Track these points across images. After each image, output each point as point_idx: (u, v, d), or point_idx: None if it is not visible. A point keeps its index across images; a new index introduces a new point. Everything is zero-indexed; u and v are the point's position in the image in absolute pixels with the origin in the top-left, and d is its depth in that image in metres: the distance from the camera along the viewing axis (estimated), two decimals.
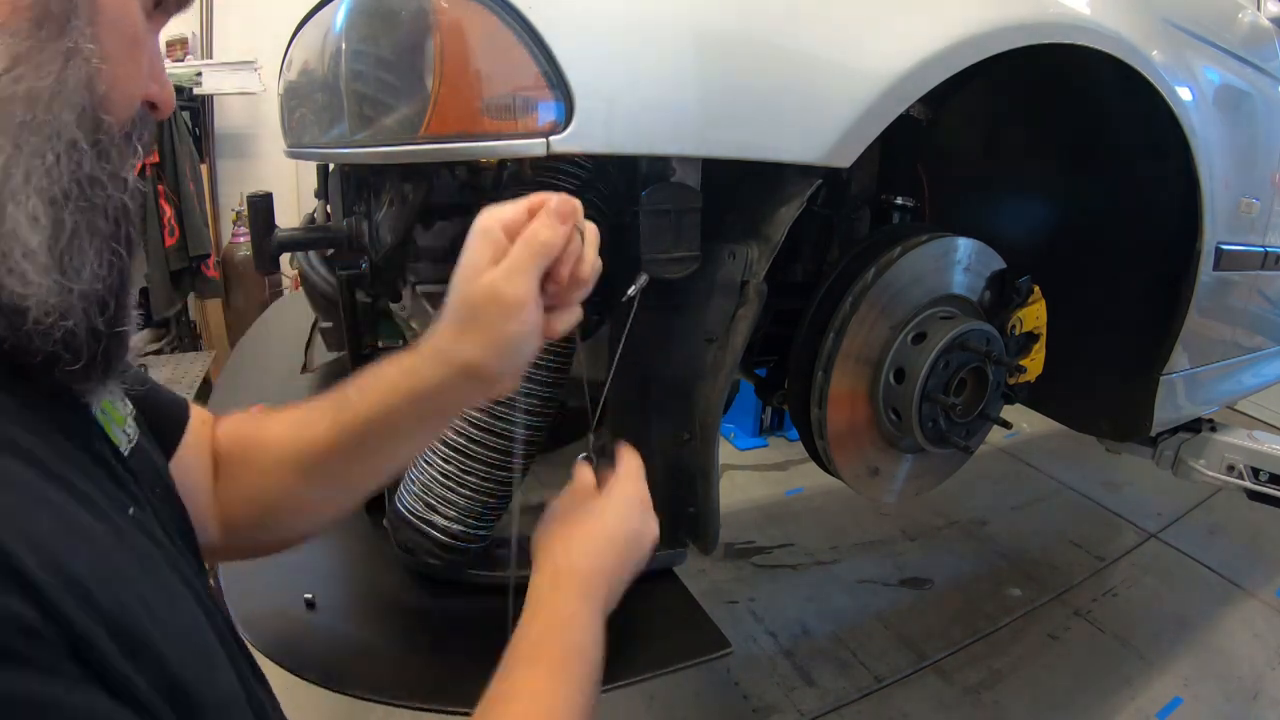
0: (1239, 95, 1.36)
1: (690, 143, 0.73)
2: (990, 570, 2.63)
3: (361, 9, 0.79)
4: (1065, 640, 2.29)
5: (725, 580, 2.50)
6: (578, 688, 0.58)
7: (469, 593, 0.89)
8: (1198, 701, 2.05)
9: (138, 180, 0.44)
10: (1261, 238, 1.48)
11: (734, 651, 0.86)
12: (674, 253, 0.80)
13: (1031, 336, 1.16)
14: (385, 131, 0.76)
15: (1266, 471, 1.75)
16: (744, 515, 2.91)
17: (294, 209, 3.09)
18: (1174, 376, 1.41)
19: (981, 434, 1.15)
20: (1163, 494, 3.07)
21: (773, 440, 3.52)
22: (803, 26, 0.77)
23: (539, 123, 0.68)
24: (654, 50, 0.71)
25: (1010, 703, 2.04)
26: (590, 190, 0.84)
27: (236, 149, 3.35)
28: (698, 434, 0.87)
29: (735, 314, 0.83)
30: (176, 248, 2.88)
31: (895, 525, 2.85)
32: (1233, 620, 2.40)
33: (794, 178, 0.85)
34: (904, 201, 1.18)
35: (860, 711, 2.00)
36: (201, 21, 3.12)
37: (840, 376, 1.00)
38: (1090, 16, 0.99)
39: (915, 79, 0.81)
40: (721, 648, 0.85)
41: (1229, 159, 1.29)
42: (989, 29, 0.86)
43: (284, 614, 0.88)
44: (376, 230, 1.02)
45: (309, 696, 0.80)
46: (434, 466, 0.87)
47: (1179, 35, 1.21)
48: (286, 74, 1.06)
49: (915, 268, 1.02)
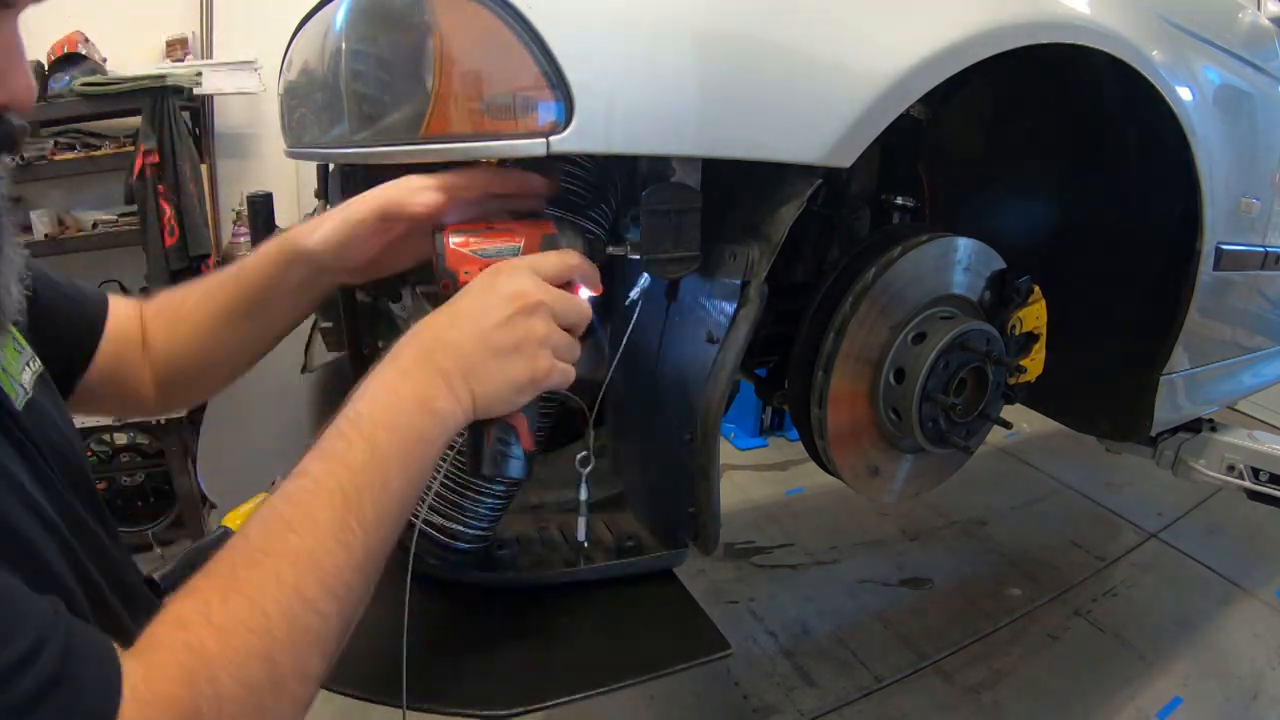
0: (1239, 95, 1.36)
1: (690, 143, 0.73)
2: (990, 570, 2.63)
3: (361, 9, 0.79)
4: (1065, 640, 2.29)
5: (725, 580, 2.50)
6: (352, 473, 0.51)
7: (469, 593, 0.89)
8: (1198, 701, 2.05)
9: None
10: (1262, 238, 1.48)
11: (734, 652, 0.86)
12: (674, 253, 0.80)
13: (1031, 336, 1.16)
14: (385, 131, 0.76)
15: (1266, 471, 1.75)
16: (744, 515, 2.92)
17: (294, 209, 3.08)
18: (1174, 376, 1.41)
19: (981, 434, 1.15)
20: (1163, 494, 3.07)
21: (773, 440, 3.52)
22: (803, 26, 0.77)
23: (539, 123, 0.68)
24: (654, 50, 0.71)
25: (1010, 703, 2.04)
26: (591, 191, 0.84)
27: (236, 149, 3.34)
28: (698, 434, 0.87)
29: (736, 314, 0.83)
30: (176, 248, 2.87)
31: (895, 525, 2.86)
32: (1233, 620, 2.40)
33: (794, 178, 0.85)
34: (904, 201, 1.18)
35: (860, 711, 2.00)
36: (201, 21, 3.12)
37: (840, 376, 1.00)
38: (1090, 16, 0.99)
39: (916, 79, 0.81)
40: (721, 648, 0.85)
41: (1229, 159, 1.29)
42: (989, 29, 0.86)
43: None
44: None
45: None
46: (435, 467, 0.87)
47: (1179, 35, 1.20)
48: (286, 74, 1.06)
49: (915, 268, 1.02)
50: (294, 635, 0.45)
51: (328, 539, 0.48)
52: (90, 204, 3.01)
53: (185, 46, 3.10)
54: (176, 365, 0.80)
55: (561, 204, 0.79)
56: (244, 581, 0.45)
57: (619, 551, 0.94)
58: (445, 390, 0.57)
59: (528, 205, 0.76)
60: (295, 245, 0.74)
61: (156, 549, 2.46)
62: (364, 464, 0.52)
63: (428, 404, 0.56)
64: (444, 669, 0.79)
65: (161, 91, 2.70)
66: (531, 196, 0.76)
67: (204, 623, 0.43)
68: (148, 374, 0.80)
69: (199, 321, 0.79)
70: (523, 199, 0.75)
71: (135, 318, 0.80)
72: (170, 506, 2.54)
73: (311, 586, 0.47)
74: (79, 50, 2.73)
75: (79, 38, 2.76)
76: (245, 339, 0.80)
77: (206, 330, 0.78)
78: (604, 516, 1.03)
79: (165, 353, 0.80)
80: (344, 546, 0.49)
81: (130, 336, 0.79)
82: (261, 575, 0.46)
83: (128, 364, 0.78)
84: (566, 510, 1.00)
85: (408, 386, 0.56)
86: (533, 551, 0.95)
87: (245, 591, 0.45)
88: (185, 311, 0.80)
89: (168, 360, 0.80)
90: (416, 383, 0.57)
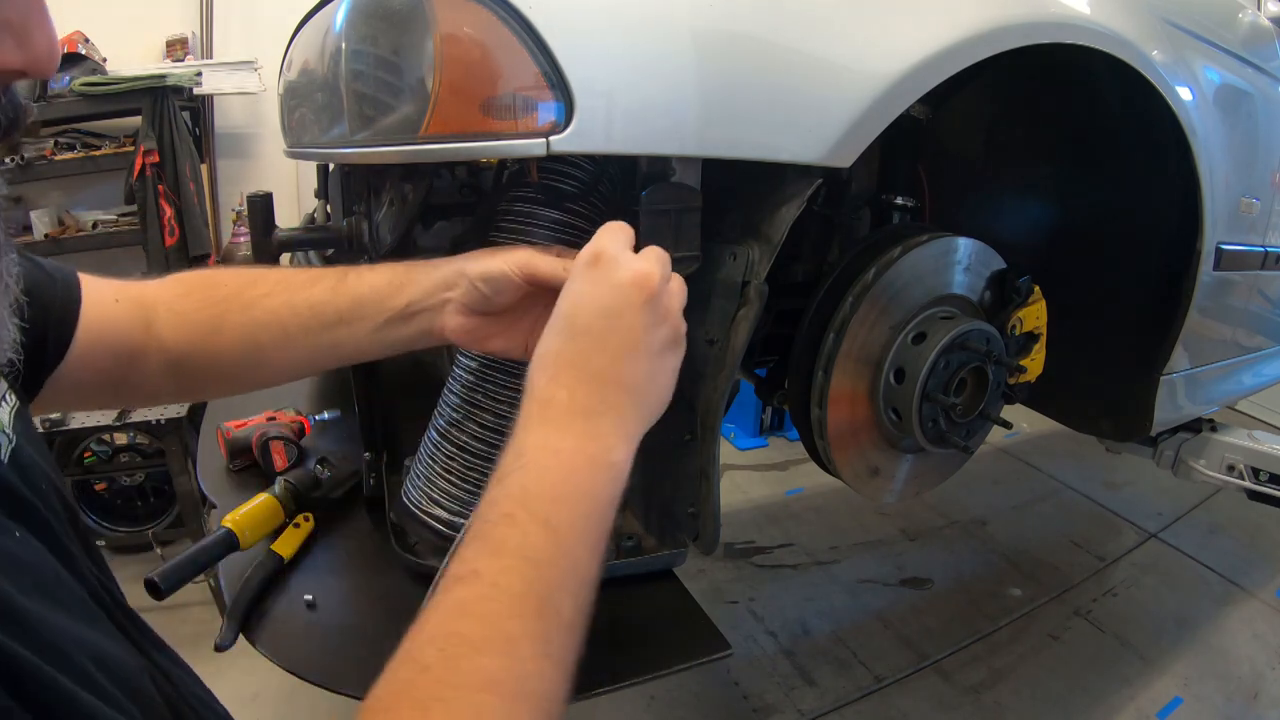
0: (1239, 95, 1.36)
1: (690, 143, 0.73)
2: (990, 570, 2.63)
3: (361, 9, 0.79)
4: (1065, 640, 2.29)
5: (725, 580, 2.50)
6: (554, 554, 0.43)
7: None
8: (1198, 701, 2.05)
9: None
10: (1262, 237, 1.48)
11: (734, 652, 0.86)
12: (674, 253, 0.79)
13: (1032, 336, 1.16)
14: (385, 131, 0.76)
15: (1266, 471, 1.75)
16: (744, 515, 2.92)
17: (294, 209, 3.09)
18: (1174, 376, 1.41)
19: (981, 434, 1.15)
20: (1163, 494, 3.07)
21: (773, 440, 3.52)
22: (803, 26, 0.77)
23: (539, 123, 0.68)
24: (654, 50, 0.71)
25: (1010, 703, 2.04)
26: (590, 191, 0.84)
27: (236, 149, 3.35)
28: (698, 434, 0.87)
29: (736, 315, 0.83)
30: (176, 248, 2.88)
31: (895, 525, 2.86)
32: (1233, 620, 2.40)
33: (794, 178, 0.85)
34: (904, 201, 1.18)
35: (860, 711, 2.00)
36: (201, 21, 3.12)
37: (840, 376, 1.00)
38: (1091, 16, 0.99)
39: (916, 79, 0.81)
40: (721, 649, 0.85)
41: (1229, 158, 1.29)
42: (989, 29, 0.86)
43: (284, 614, 0.88)
44: (376, 230, 1.02)
45: (309, 696, 0.80)
46: (438, 460, 0.87)
47: (1179, 35, 1.20)
48: (286, 74, 1.06)
49: (915, 268, 1.02)
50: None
51: (529, 657, 0.39)
52: (90, 204, 3.01)
53: (185, 46, 3.11)
54: (208, 353, 0.69)
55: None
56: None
57: (619, 551, 0.94)
58: (616, 433, 0.49)
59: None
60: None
61: (156, 549, 2.46)
62: (551, 557, 0.43)
63: (602, 459, 0.48)
64: None
65: (161, 91, 2.70)
66: None
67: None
68: (154, 359, 0.69)
69: (270, 310, 0.68)
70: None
71: (123, 301, 0.68)
72: (170, 506, 2.54)
73: (524, 716, 0.38)
74: (79, 50, 2.73)
75: (79, 37, 2.77)
76: (318, 349, 0.70)
77: (275, 324, 0.69)
78: None
79: (195, 338, 0.69)
80: (547, 658, 0.40)
81: (113, 321, 0.67)
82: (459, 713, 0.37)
83: (119, 353, 0.66)
84: None
85: (572, 442, 0.47)
86: None
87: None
88: (251, 297, 0.69)
89: (197, 346, 0.69)
90: (582, 436, 0.48)
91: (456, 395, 0.87)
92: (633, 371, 0.50)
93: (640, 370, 0.50)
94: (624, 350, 0.50)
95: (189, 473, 2.37)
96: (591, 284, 0.53)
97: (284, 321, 0.68)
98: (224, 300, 0.69)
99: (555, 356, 0.51)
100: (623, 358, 0.49)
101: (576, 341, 0.51)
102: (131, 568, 2.37)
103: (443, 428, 0.87)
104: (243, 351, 0.69)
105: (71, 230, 2.87)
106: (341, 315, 0.68)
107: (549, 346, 0.52)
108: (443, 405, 0.88)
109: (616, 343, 0.49)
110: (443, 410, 0.88)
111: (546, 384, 0.50)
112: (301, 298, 0.68)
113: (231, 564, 0.92)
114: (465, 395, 0.85)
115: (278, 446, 1.15)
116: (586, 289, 0.53)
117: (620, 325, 0.50)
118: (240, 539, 0.92)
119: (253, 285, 0.70)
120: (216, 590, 1.96)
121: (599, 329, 0.50)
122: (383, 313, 0.68)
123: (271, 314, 0.68)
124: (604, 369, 0.49)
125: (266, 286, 0.69)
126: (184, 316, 0.69)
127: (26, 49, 0.35)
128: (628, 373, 0.50)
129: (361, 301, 0.68)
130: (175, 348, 0.69)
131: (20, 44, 0.35)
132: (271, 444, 1.15)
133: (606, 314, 0.51)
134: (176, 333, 0.69)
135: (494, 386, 0.84)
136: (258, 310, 0.68)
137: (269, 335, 0.68)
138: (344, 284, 0.69)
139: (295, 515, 1.00)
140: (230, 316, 0.68)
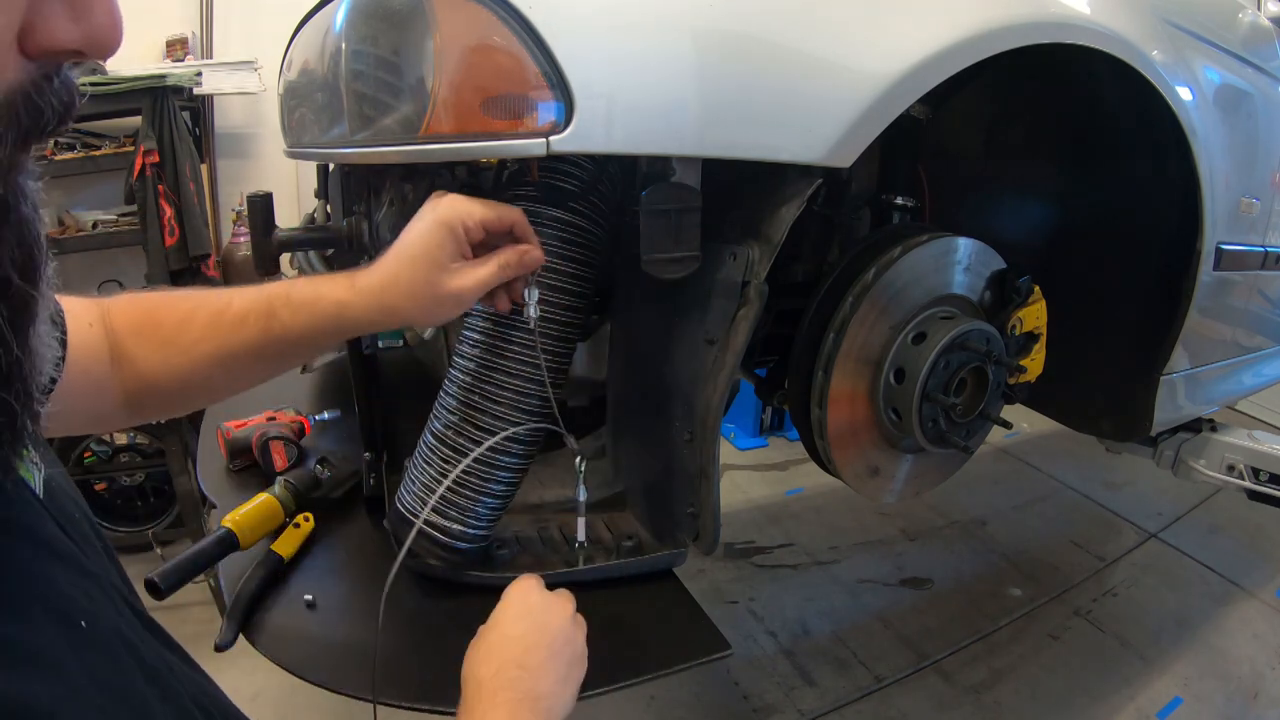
0: (1239, 95, 1.36)
1: (690, 143, 0.73)
2: (990, 570, 2.63)
3: (361, 9, 0.79)
4: (1065, 640, 2.29)
5: (725, 580, 2.50)
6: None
7: (468, 593, 0.89)
8: (1198, 701, 2.05)
9: (30, 178, 0.31)
10: (1262, 237, 1.48)
11: (734, 652, 0.86)
12: (674, 253, 0.80)
13: (1031, 336, 1.16)
14: (385, 131, 0.76)
15: (1266, 471, 1.75)
16: (744, 515, 2.92)
17: (294, 209, 3.08)
18: (1174, 376, 1.41)
19: (981, 434, 1.15)
20: (1163, 494, 3.07)
21: (773, 440, 3.52)
22: (803, 26, 0.77)
23: (539, 123, 0.68)
24: (654, 50, 0.71)
25: (1010, 702, 2.04)
26: (590, 190, 0.84)
27: (236, 149, 3.34)
28: (698, 434, 0.87)
29: (736, 315, 0.83)
30: (176, 248, 2.87)
31: (895, 525, 2.86)
32: (1233, 620, 2.40)
33: (794, 178, 0.85)
34: (904, 201, 1.18)
35: (860, 711, 2.00)
36: (201, 21, 3.12)
37: (840, 376, 1.00)
38: (1091, 17, 0.99)
39: (916, 79, 0.81)
40: (721, 649, 0.85)
41: (1229, 159, 1.29)
42: (989, 29, 0.86)
43: (284, 615, 0.88)
44: (376, 230, 1.02)
45: (309, 696, 0.80)
46: (434, 466, 0.87)
47: (1179, 35, 1.20)
48: (286, 74, 1.06)
49: (915, 268, 1.02)
50: None
51: None
52: (90, 204, 3.01)
53: (185, 46, 3.10)
54: (160, 389, 0.69)
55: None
56: None
57: (619, 551, 0.94)
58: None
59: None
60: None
61: (156, 549, 2.46)
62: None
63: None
64: (444, 668, 0.79)
65: (161, 91, 2.70)
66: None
67: None
68: (115, 389, 0.67)
69: (205, 354, 0.69)
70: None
71: (96, 325, 0.66)
72: (170, 506, 2.54)
73: None
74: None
75: None
76: (259, 377, 0.75)
77: (213, 364, 0.69)
78: (604, 516, 1.03)
79: (149, 376, 0.68)
80: None
81: (88, 348, 0.65)
82: None
83: (87, 379, 0.63)
84: (566, 510, 1.00)
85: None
86: (532, 551, 0.96)
87: None
88: (186, 343, 0.69)
89: (150, 383, 0.68)
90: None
91: (453, 398, 0.87)
92: (557, 688, 0.66)
93: (561, 689, 0.66)
94: (546, 668, 0.66)
95: (189, 473, 2.37)
96: (526, 605, 0.71)
97: (227, 365, 0.71)
98: (166, 344, 0.69)
99: (490, 658, 0.66)
100: (549, 677, 0.65)
101: (505, 647, 0.67)
102: (131, 568, 2.35)
103: (439, 431, 0.87)
104: (197, 388, 0.72)
105: (71, 230, 2.87)
106: (283, 352, 0.73)
107: (482, 650, 0.67)
108: (439, 408, 0.89)
109: (541, 659, 0.66)
110: (439, 414, 0.88)
111: (483, 692, 0.63)
112: (237, 341, 0.70)
113: (231, 564, 0.92)
114: (461, 398, 0.86)
115: (278, 446, 1.15)
116: (513, 609, 0.70)
117: (546, 648, 0.67)
118: (240, 539, 0.92)
119: (185, 329, 0.69)
120: (216, 590, 1.96)
121: (522, 645, 0.67)
122: (328, 338, 0.74)
123: (211, 359, 0.70)
124: (537, 688, 0.64)
125: (197, 331, 0.69)
126: (134, 358, 0.68)
127: (83, 20, 0.29)
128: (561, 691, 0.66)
129: (298, 342, 0.72)
130: (132, 381, 0.68)
131: (75, 16, 0.29)
132: (271, 444, 1.15)
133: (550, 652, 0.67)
134: (133, 367, 0.68)
135: (492, 388, 0.84)
136: (197, 354, 0.69)
137: (221, 372, 0.71)
138: (275, 322, 0.70)
139: (295, 515, 1.00)
140: (173, 360, 0.69)
